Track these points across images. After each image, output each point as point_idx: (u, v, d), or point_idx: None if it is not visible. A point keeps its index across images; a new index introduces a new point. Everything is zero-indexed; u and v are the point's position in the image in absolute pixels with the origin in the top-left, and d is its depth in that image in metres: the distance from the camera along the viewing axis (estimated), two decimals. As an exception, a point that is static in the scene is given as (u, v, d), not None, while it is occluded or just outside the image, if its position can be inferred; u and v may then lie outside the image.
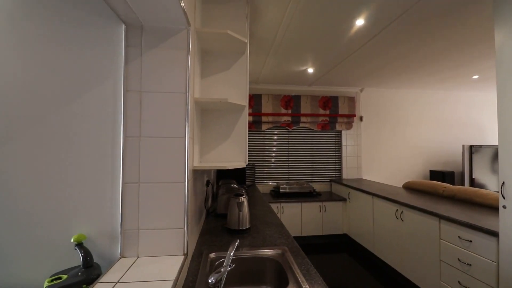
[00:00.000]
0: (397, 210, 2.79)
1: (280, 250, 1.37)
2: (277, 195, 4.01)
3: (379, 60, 3.08)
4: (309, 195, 4.05)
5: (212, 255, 1.31)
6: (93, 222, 1.09)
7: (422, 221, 2.42)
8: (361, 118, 4.72)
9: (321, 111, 4.49)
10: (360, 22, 2.15)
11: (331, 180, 4.56)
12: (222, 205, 2.01)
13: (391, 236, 2.90)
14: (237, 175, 3.56)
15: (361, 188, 3.58)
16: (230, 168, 1.36)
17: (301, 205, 3.85)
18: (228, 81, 1.59)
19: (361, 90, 4.74)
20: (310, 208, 3.88)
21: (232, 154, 1.60)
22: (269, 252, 1.36)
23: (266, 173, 4.43)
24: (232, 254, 1.03)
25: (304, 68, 3.44)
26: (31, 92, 1.07)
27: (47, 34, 1.08)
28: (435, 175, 4.67)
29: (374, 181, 4.34)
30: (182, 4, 0.97)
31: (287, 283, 1.07)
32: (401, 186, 4.39)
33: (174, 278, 0.90)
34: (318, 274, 1.11)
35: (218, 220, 1.93)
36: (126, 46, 1.10)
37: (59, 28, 1.09)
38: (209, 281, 0.90)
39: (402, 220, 2.71)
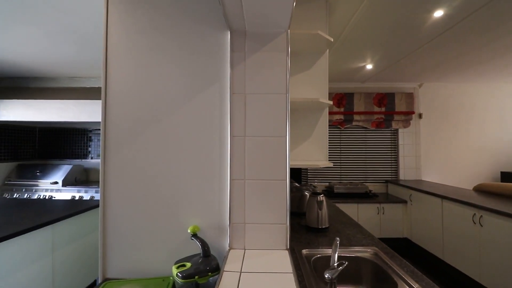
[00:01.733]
0: (474, 214, 2.56)
1: (371, 251, 1.35)
2: (331, 195, 3.93)
3: (447, 53, 2.86)
4: (365, 196, 3.91)
5: (304, 251, 1.33)
6: (204, 215, 1.18)
7: (507, 227, 2.19)
8: (420, 115, 4.42)
9: (376, 109, 4.29)
10: (439, 13, 2.02)
11: (387, 181, 4.34)
12: (294, 203, 2.03)
13: (466, 242, 2.67)
14: (291, 174, 3.57)
15: (424, 189, 3.35)
16: (322, 166, 1.37)
17: (357, 206, 3.73)
18: (309, 81, 1.60)
19: (420, 86, 4.43)
20: (367, 210, 3.74)
21: (313, 153, 1.61)
22: (361, 252, 1.34)
23: (318, 173, 4.38)
24: (337, 253, 1.04)
25: (362, 64, 3.33)
26: (154, 96, 1.19)
27: (165, 44, 1.20)
28: (507, 176, 4.19)
29: (438, 183, 4.03)
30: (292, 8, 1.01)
31: (394, 285, 1.05)
32: (467, 188, 4.01)
33: (291, 271, 0.94)
34: (425, 276, 1.07)
35: (291, 217, 1.96)
36: (232, 51, 1.18)
37: (175, 38, 1.20)
38: (326, 276, 0.92)
39: (481, 225, 2.48)
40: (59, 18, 2.03)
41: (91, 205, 2.35)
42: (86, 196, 3.55)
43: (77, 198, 3.54)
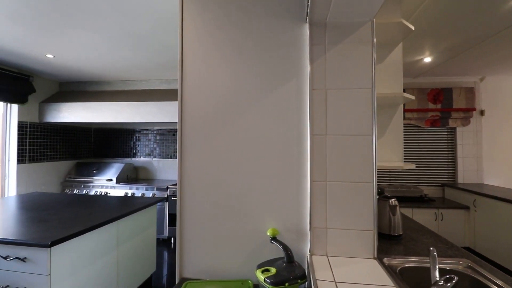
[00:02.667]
0: None
1: (462, 263, 1.19)
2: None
3: (529, 39, 2.50)
4: (419, 200, 3.61)
5: (385, 260, 1.22)
6: (281, 218, 1.13)
7: None
8: (481, 112, 3.98)
9: (431, 106, 3.95)
10: (528, -7, 1.76)
11: (443, 184, 3.98)
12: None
13: (553, 257, 2.33)
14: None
15: (494, 194, 3.00)
16: (406, 168, 1.25)
17: (412, 211, 3.46)
18: (381, 75, 1.48)
19: (481, 79, 3.99)
20: (422, 215, 3.45)
21: (386, 153, 1.48)
22: (450, 264, 1.19)
23: (364, 174, 4.14)
24: (437, 265, 0.92)
25: (419, 57, 3.07)
26: (229, 95, 1.17)
27: (241, 40, 1.17)
28: None
29: (504, 187, 3.59)
30: (389, -8, 0.91)
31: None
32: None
33: (392, 285, 0.85)
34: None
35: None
36: (311, 44, 1.11)
37: (250, 33, 1.16)
38: (434, 293, 0.81)
39: None
40: (119, 22, 2.12)
41: (148, 202, 2.44)
42: (138, 193, 3.73)
43: (129, 194, 3.72)
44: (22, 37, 2.42)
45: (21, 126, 3.45)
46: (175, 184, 3.76)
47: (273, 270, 0.97)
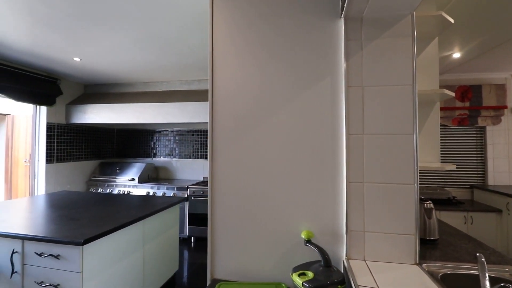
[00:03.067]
0: None
1: (508, 270, 1.11)
2: (405, 200, 3.56)
3: None
4: (447, 203, 3.45)
5: (424, 266, 1.16)
6: (315, 219, 1.09)
7: None
8: (514, 110, 3.76)
9: (458, 104, 3.77)
10: None
11: (472, 186, 3.78)
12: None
13: None
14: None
15: (532, 198, 2.81)
16: (447, 169, 1.18)
17: (439, 214, 3.31)
18: (417, 70, 1.41)
19: (514, 75, 3.77)
20: (451, 218, 3.29)
21: (422, 153, 1.41)
22: (497, 271, 1.11)
23: (387, 175, 4.01)
24: (487, 273, 0.86)
25: (448, 53, 2.93)
26: (260, 94, 1.15)
27: (272, 37, 1.15)
28: None
29: (543, 190, 3.37)
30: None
31: None
32: None
33: (442, 293, 0.80)
34: None
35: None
36: (346, 40, 1.07)
37: (282, 30, 1.14)
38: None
39: None
40: (147, 25, 2.16)
41: (172, 202, 2.47)
42: (159, 193, 3.79)
43: (151, 194, 3.79)
44: (52, 42, 2.51)
45: (49, 127, 3.59)
46: (195, 184, 3.79)
47: (310, 274, 0.94)
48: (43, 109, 3.55)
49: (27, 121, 5.02)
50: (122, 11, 1.93)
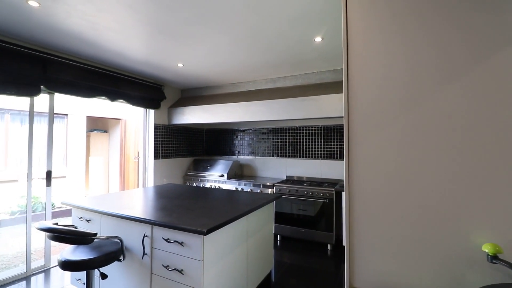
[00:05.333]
0: None
1: None
2: None
3: None
4: None
5: None
6: (504, 230, 0.84)
7: None
8: None
9: None
10: None
11: None
12: None
13: None
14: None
15: None
16: None
17: None
18: None
19: None
20: None
21: None
22: None
23: None
24: None
25: None
26: (408, 77, 0.96)
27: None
28: None
29: None
30: None
31: None
32: None
33: None
34: None
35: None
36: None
37: None
38: None
39: None
40: (251, 22, 2.18)
41: (268, 198, 2.45)
42: (246, 189, 3.90)
43: (239, 189, 3.92)
44: (164, 50, 2.81)
45: (156, 128, 4.10)
46: (280, 182, 3.76)
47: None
48: (151, 112, 4.08)
49: (135, 123, 5.91)
50: (229, 8, 1.98)
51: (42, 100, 2.89)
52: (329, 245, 3.37)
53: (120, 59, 3.11)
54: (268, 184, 3.77)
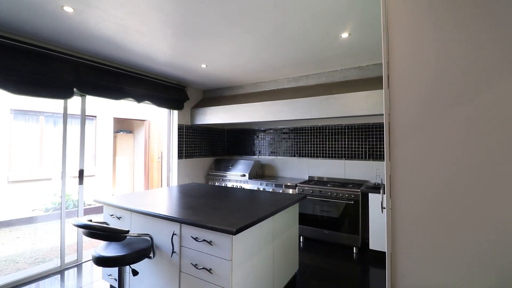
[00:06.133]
0: None
1: None
2: None
3: None
4: None
5: None
6: None
7: None
8: None
9: None
10: None
11: None
12: None
13: None
14: None
15: None
16: None
17: None
18: None
19: None
20: None
21: None
22: None
23: None
24: None
25: None
26: (455, 71, 0.89)
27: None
28: None
29: None
30: None
31: None
32: None
33: None
34: None
35: None
36: None
37: None
38: None
39: None
40: (275, 19, 2.15)
41: (294, 199, 2.41)
42: (268, 189, 3.87)
43: (261, 189, 3.90)
44: (188, 51, 2.86)
45: (179, 128, 4.18)
46: (303, 183, 3.70)
47: None
48: (175, 113, 4.16)
49: (159, 125, 6.07)
50: (256, 7, 1.96)
51: (74, 103, 3.03)
52: (354, 248, 3.26)
53: (146, 61, 3.20)
54: (290, 184, 3.72)
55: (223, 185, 4.37)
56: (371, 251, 3.15)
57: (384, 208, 1.34)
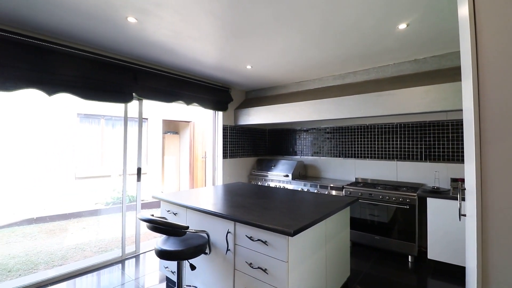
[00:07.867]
0: None
1: None
2: None
3: None
4: None
5: None
6: None
7: None
8: None
9: None
10: None
11: None
12: None
13: None
14: None
15: None
16: None
17: None
18: None
19: None
20: None
21: None
22: None
23: None
24: None
25: None
26: None
27: None
28: None
29: None
30: None
31: None
32: None
33: None
34: None
35: None
36: None
37: None
38: None
39: None
40: (323, 14, 2.08)
41: (346, 202, 2.31)
42: (312, 190, 3.78)
43: (305, 190, 3.82)
44: (235, 52, 2.91)
45: (224, 129, 4.30)
46: (350, 185, 3.53)
47: None
48: (219, 114, 4.29)
49: (202, 126, 6.32)
50: (306, 3, 1.92)
51: (131, 106, 3.28)
52: (409, 256, 3.02)
53: (195, 65, 3.34)
54: (336, 186, 3.58)
55: (266, 184, 4.38)
56: (430, 261, 2.88)
57: (464, 215, 1.21)
